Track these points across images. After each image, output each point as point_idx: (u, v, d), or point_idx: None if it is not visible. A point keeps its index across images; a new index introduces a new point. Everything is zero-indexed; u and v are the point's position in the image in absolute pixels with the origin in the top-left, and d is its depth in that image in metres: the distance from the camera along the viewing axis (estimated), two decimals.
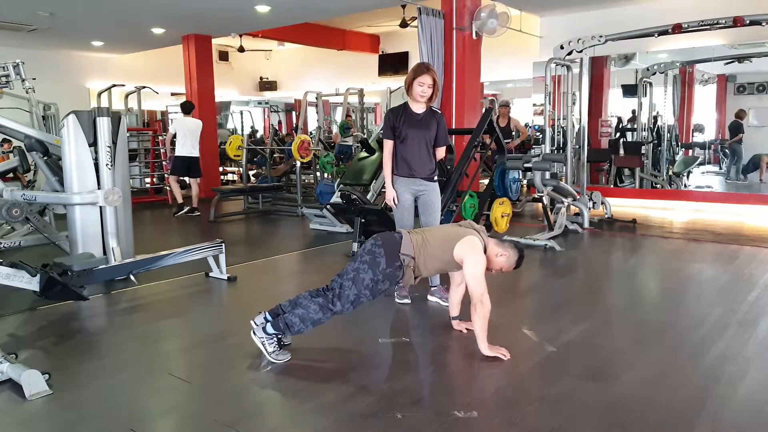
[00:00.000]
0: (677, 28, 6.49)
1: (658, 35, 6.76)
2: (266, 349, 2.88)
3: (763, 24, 6.07)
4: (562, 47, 7.19)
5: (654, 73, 8.95)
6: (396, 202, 3.88)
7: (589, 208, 6.91)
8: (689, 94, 8.93)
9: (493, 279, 2.94)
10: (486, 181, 7.56)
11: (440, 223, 4.92)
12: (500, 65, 10.12)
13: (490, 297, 2.92)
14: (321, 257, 5.68)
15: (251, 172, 11.80)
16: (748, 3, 6.78)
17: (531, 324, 3.50)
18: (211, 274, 4.69)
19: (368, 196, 6.04)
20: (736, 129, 8.35)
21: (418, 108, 3.83)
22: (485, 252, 3.01)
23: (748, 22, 6.08)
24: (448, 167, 5.84)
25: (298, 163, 8.42)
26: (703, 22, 6.38)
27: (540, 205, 7.47)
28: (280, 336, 2.91)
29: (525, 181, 8.29)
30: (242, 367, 2.88)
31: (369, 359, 3.02)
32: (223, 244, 4.68)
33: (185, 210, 8.31)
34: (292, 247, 6.12)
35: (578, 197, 6.78)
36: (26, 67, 5.36)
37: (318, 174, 9.25)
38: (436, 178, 3.93)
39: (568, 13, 8.90)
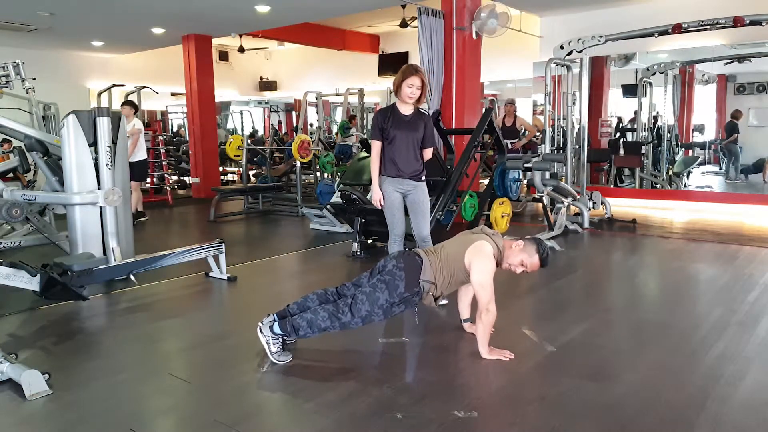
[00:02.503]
0: (677, 28, 6.49)
1: (658, 35, 6.76)
2: (269, 349, 2.88)
3: (763, 24, 6.07)
4: (562, 47, 7.19)
5: (654, 73, 8.94)
6: (382, 203, 3.91)
7: (589, 208, 6.91)
8: (689, 94, 8.92)
9: (494, 279, 2.93)
10: (486, 181, 7.56)
11: (437, 222, 4.92)
12: (500, 65, 10.11)
13: None
14: (321, 257, 5.67)
15: (251, 172, 11.79)
16: (748, 3, 6.78)
17: (531, 324, 3.49)
18: (211, 274, 4.69)
19: (368, 196, 6.00)
20: (732, 129, 8.35)
21: (406, 109, 3.86)
22: (500, 255, 2.96)
23: (748, 22, 6.08)
24: (448, 167, 5.85)
25: (298, 163, 8.42)
26: (703, 22, 6.38)
27: (540, 205, 7.47)
28: (285, 337, 2.90)
29: (525, 181, 8.30)
30: (242, 367, 2.88)
31: (369, 359, 3.02)
32: (223, 244, 4.67)
33: (140, 216, 7.69)
34: (292, 247, 6.12)
35: (578, 197, 6.78)
36: (26, 67, 5.36)
37: (318, 174, 9.22)
38: (423, 177, 3.96)
39: (568, 13, 8.90)
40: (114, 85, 10.83)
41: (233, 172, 13.04)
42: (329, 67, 13.55)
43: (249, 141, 11.29)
